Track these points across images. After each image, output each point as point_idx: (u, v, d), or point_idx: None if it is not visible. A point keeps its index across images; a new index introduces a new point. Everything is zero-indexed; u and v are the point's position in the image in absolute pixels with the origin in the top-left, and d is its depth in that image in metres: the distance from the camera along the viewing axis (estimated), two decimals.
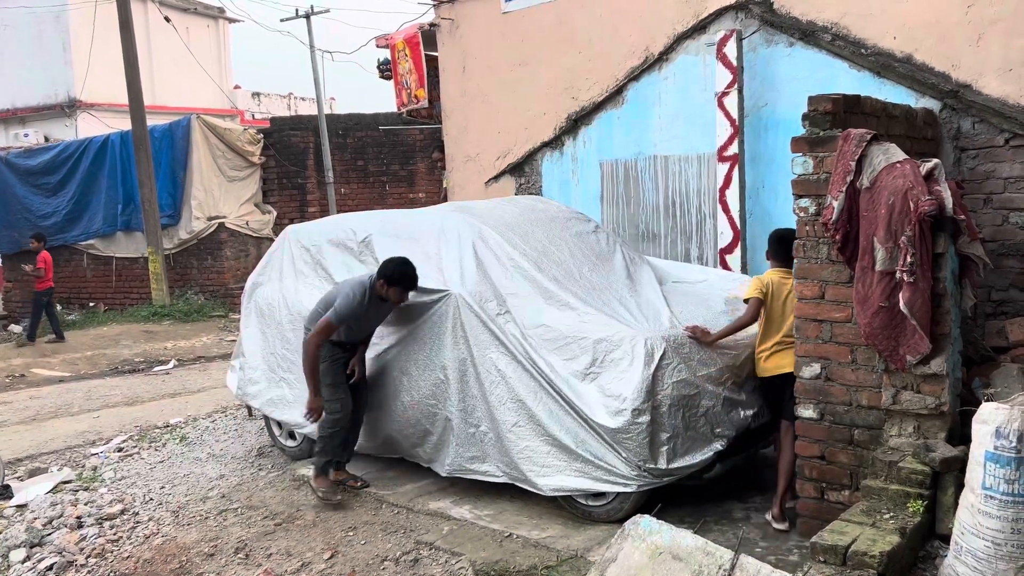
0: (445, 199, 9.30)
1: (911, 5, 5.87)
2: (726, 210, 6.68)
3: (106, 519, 5.48)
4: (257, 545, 4.89)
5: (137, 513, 5.57)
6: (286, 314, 6.13)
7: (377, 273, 5.25)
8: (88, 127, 19.67)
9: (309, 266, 6.14)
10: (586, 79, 7.79)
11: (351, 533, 4.92)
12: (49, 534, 5.29)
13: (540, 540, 4.56)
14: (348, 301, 5.19)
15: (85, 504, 5.75)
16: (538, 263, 5.33)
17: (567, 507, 4.87)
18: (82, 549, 5.05)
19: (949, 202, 3.68)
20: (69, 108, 20.45)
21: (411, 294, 5.32)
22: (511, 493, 5.23)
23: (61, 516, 5.54)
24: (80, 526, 5.38)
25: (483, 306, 5.06)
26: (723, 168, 6.66)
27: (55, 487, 6.14)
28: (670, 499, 4.61)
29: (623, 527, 3.68)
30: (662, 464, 4.48)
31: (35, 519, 5.50)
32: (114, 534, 5.25)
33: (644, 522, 3.63)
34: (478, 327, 5.05)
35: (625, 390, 4.49)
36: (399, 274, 5.18)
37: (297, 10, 19.47)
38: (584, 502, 4.80)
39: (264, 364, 6.33)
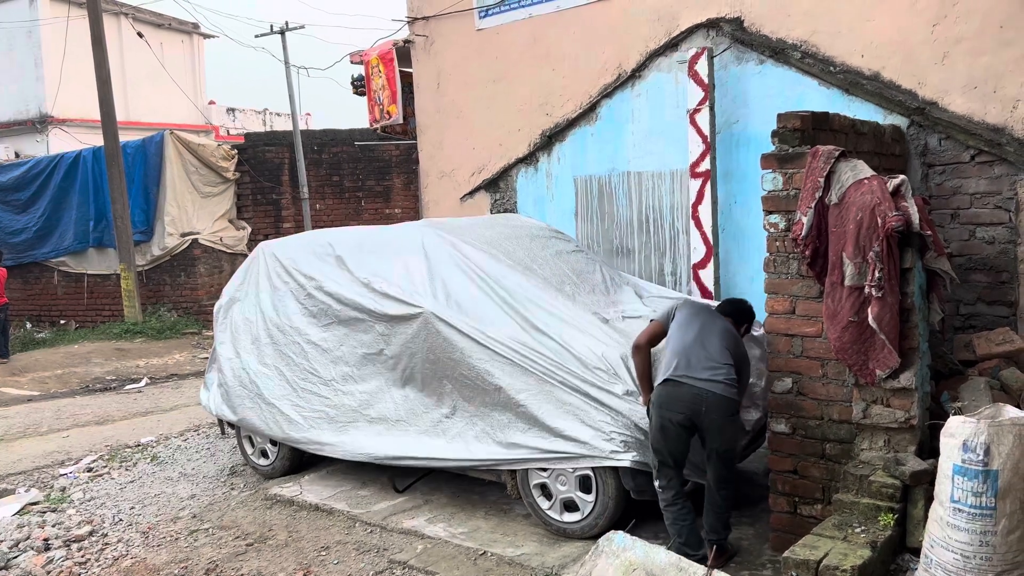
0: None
1: (878, 24, 5.96)
2: (699, 226, 6.72)
3: (74, 541, 5.39)
4: (228, 566, 4.82)
5: (106, 535, 5.48)
6: (263, 328, 6.08)
7: (737, 317, 4.62)
8: (60, 143, 19.48)
9: (282, 280, 6.10)
10: (560, 96, 7.83)
11: (324, 553, 4.87)
12: (15, 557, 5.19)
13: (515, 558, 4.54)
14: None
15: (53, 526, 5.65)
16: (515, 281, 5.33)
17: (542, 524, 4.86)
18: (49, 572, 4.96)
19: (916, 217, 3.73)
20: (40, 124, 20.25)
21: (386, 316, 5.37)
22: (486, 511, 5.21)
23: (28, 539, 5.44)
24: (47, 548, 5.29)
25: (455, 324, 5.06)
26: (695, 184, 6.70)
27: (22, 509, 6.03)
28: (644, 515, 4.62)
29: (597, 544, 3.69)
30: None
31: (1, 542, 5.40)
32: (82, 556, 5.16)
33: (618, 538, 3.63)
34: (449, 344, 5.04)
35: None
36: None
37: (272, 26, 19.41)
38: (559, 518, 4.79)
39: (238, 380, 6.26)
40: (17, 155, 19.37)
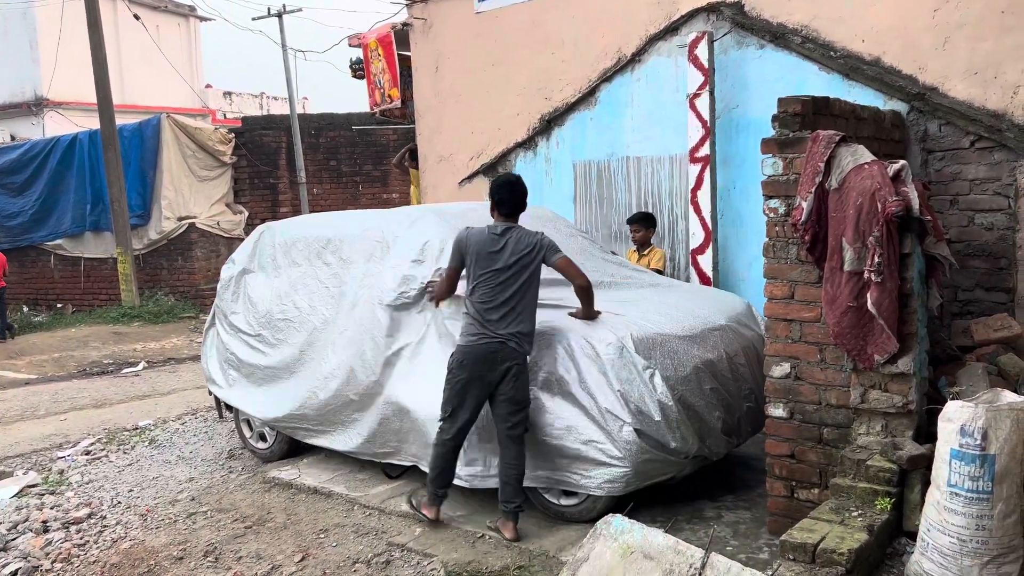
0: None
1: (879, 9, 5.94)
2: (698, 211, 6.71)
3: (72, 523, 5.39)
4: (227, 548, 4.84)
5: (104, 517, 5.49)
6: (277, 304, 6.05)
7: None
8: (56, 126, 19.41)
9: (304, 256, 6.04)
10: (559, 80, 7.80)
11: (322, 535, 4.89)
12: (14, 539, 5.20)
13: (513, 540, 4.55)
14: None
15: (51, 508, 5.66)
16: None
17: (539, 507, 4.87)
18: (48, 554, 4.97)
19: (916, 203, 3.72)
20: (36, 106, 20.17)
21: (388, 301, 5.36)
22: (483, 494, 5.21)
23: (26, 520, 5.45)
24: (46, 530, 5.30)
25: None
26: (695, 169, 6.69)
27: (20, 491, 6.04)
28: (642, 499, 4.63)
29: (595, 527, 3.68)
30: None
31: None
32: (81, 538, 5.17)
33: (616, 521, 3.63)
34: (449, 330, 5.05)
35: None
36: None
37: (269, 9, 19.34)
38: (556, 502, 4.80)
39: (243, 353, 6.25)
40: (13, 138, 19.30)
